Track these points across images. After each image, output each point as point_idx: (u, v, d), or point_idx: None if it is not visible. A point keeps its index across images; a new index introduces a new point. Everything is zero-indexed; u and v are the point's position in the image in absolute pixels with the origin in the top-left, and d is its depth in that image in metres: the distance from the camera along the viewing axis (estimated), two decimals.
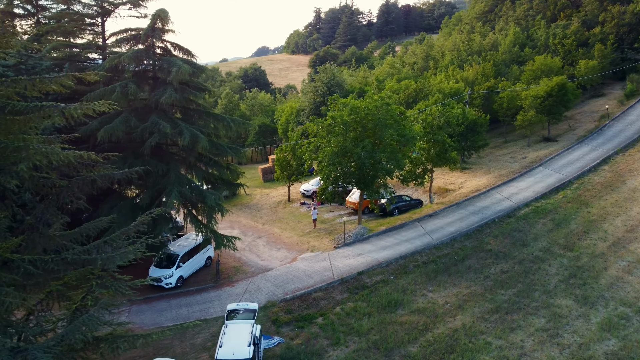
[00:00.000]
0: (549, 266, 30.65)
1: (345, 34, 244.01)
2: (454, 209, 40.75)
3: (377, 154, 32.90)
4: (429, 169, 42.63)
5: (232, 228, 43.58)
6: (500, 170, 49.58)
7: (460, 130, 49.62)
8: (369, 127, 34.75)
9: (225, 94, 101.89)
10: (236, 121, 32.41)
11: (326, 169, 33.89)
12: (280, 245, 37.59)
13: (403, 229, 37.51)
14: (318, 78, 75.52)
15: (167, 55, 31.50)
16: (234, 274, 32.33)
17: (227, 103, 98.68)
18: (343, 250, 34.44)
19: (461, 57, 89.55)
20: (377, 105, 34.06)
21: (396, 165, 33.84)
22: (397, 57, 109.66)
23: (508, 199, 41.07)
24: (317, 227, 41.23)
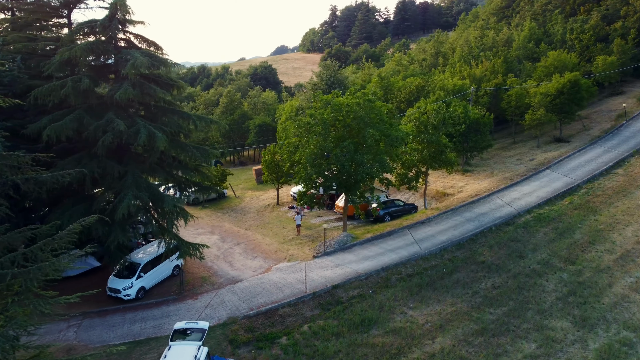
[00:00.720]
0: (546, 281, 27.85)
1: (361, 31, 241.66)
2: (448, 215, 38.05)
3: (358, 156, 30.45)
4: (423, 172, 39.98)
5: (212, 233, 41.59)
6: (505, 173, 46.64)
7: (462, 130, 46.87)
8: (353, 127, 32.31)
9: (227, 92, 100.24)
10: (203, 119, 30.31)
11: (303, 172, 31.55)
12: (257, 253, 35.36)
13: (390, 237, 34.97)
14: (318, 74, 73.19)
15: (131, 48, 29.56)
16: (200, 285, 30.19)
17: (228, 102, 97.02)
18: (322, 260, 32.06)
19: (472, 54, 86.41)
20: (359, 102, 31.58)
21: (380, 168, 31.32)
22: (406, 54, 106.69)
23: (509, 205, 38.22)
24: (302, 234, 38.96)
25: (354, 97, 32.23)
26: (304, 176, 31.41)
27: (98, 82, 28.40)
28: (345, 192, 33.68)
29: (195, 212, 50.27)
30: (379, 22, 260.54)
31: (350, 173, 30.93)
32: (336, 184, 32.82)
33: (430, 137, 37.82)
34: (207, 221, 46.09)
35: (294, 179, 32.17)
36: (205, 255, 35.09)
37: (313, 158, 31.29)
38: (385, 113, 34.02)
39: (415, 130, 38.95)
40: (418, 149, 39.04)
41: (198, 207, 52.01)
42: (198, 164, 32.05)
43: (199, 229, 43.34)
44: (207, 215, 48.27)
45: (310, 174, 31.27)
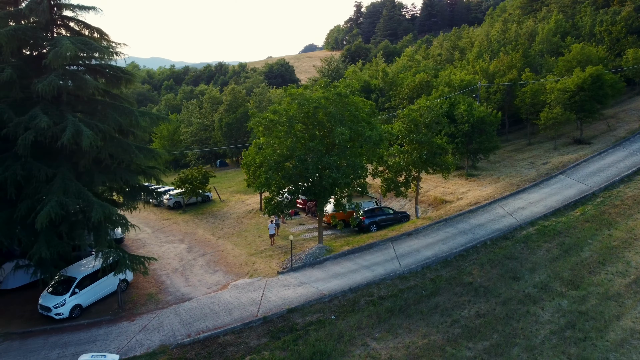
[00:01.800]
0: (541, 310, 23.84)
1: (386, 28, 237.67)
2: (440, 226, 34.20)
3: (326, 159, 26.98)
4: (414, 177, 36.18)
5: (181, 242, 38.71)
6: (513, 178, 42.39)
7: (464, 129, 42.89)
8: (324, 125, 28.85)
9: (230, 90, 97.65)
10: (148, 115, 27.24)
11: (263, 176, 28.23)
12: (220, 266, 32.21)
13: (370, 251, 31.36)
14: (319, 70, 69.84)
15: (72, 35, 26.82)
16: (144, 303, 27.16)
17: (231, 99, 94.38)
18: (286, 278, 28.67)
19: (492, 48, 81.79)
20: (327, 97, 28.12)
21: (352, 173, 27.77)
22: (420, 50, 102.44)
23: (511, 215, 34.13)
24: (276, 244, 35.67)
25: (324, 91, 28.76)
26: (264, 181, 28.08)
27: (28, 73, 25.63)
28: (317, 199, 30.23)
29: (174, 217, 47.85)
30: (405, 19, 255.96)
31: (315, 179, 27.47)
32: (304, 191, 29.42)
33: (421, 137, 34.00)
34: (182, 227, 43.29)
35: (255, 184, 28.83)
36: (164, 268, 32.42)
37: (276, 160, 27.93)
38: (367, 110, 30.40)
39: (404, 130, 35.24)
40: (407, 150, 35.32)
41: (178, 212, 49.30)
42: (151, 167, 29.08)
43: (169, 236, 40.57)
44: (184, 221, 45.47)
45: (272, 179, 27.92)
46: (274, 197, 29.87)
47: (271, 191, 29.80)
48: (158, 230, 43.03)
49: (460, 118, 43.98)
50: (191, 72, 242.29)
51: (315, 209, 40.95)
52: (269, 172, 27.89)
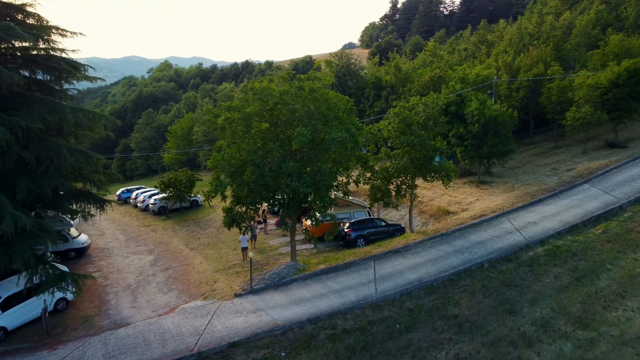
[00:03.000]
0: (537, 355, 19.59)
1: (422, 24, 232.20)
2: (434, 243, 30.09)
3: (285, 165, 23.40)
4: (408, 184, 32.13)
5: (150, 253, 35.86)
6: (529, 187, 37.74)
7: (475, 130, 38.50)
8: (292, 125, 25.28)
9: (242, 87, 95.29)
10: (84, 112, 24.23)
11: (214, 183, 24.82)
12: (178, 284, 29.05)
13: (346, 271, 27.57)
14: (326, 66, 66.20)
15: None
16: (75, 327, 24.16)
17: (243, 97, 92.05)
18: (242, 302, 25.20)
19: (523, 42, 76.37)
20: (287, 91, 24.53)
21: (318, 182, 24.06)
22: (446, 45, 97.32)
23: (519, 231, 29.73)
24: (249, 259, 32.28)
25: (288, 85, 25.17)
26: (213, 188, 24.68)
27: None
28: (284, 210, 26.69)
29: (155, 223, 45.10)
30: (442, 15, 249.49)
31: (270, 187, 23.91)
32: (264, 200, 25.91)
33: (412, 139, 29.95)
34: (158, 236, 40.51)
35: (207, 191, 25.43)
36: (117, 283, 29.55)
37: (231, 165, 24.50)
38: (343, 107, 26.65)
39: (394, 131, 31.27)
40: (398, 154, 31.37)
41: (162, 218, 46.57)
42: (91, 172, 26.13)
43: (140, 246, 37.79)
44: (163, 228, 42.67)
45: (222, 186, 24.53)
46: (233, 207, 26.46)
47: (231, 201, 26.49)
48: (132, 238, 40.32)
49: (471, 117, 39.60)
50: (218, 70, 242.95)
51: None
52: (220, 179, 24.51)
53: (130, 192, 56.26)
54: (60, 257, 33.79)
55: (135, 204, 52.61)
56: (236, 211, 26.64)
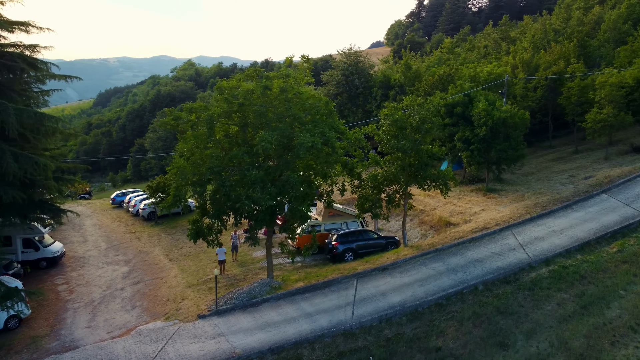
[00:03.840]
0: None
1: (448, 22, 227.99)
2: (427, 259, 27.45)
3: (249, 173, 21.14)
4: (401, 193, 29.52)
5: (126, 263, 34.11)
6: (541, 196, 34.70)
7: (482, 134, 35.68)
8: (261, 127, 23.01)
9: None
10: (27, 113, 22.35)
11: (173, 193, 22.70)
12: (144, 300, 27.10)
13: (325, 291, 25.18)
14: (336, 64, 63.82)
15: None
16: (19, 350, 22.31)
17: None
18: (204, 324, 23.04)
19: (548, 38, 72.66)
20: (252, 90, 22.26)
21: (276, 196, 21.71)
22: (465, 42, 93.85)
23: (523, 248, 26.89)
24: (228, 272, 30.33)
25: (253, 84, 22.89)
26: (171, 200, 22.59)
27: None
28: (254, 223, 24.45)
29: (142, 229, 43.42)
30: (470, 12, 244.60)
31: (230, 198, 21.66)
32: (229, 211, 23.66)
33: (404, 144, 27.34)
34: (141, 244, 38.82)
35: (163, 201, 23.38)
36: (81, 298, 27.87)
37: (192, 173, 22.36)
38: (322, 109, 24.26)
39: (384, 135, 28.75)
40: (388, 160, 28.83)
41: (150, 224, 44.89)
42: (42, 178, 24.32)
43: (119, 255, 36.09)
44: (149, 236, 40.95)
45: (182, 196, 22.42)
46: (199, 219, 24.33)
47: (198, 212, 24.41)
48: (113, 246, 38.66)
49: (477, 119, 36.74)
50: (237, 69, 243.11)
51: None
52: (179, 189, 22.42)
53: (125, 196, 54.85)
54: (30, 267, 32.33)
55: (127, 208, 51.15)
56: (202, 223, 24.49)
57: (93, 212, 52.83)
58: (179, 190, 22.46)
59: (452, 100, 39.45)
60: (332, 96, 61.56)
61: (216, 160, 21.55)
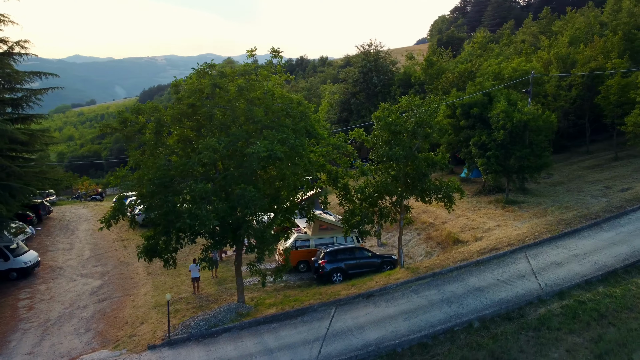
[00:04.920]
0: None
1: (494, 16, 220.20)
2: (420, 285, 24.08)
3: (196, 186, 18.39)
4: (397, 207, 26.19)
5: (102, 276, 32.22)
6: (567, 211, 30.72)
7: (499, 138, 31.99)
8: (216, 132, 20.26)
9: None
10: None
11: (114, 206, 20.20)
12: (101, 323, 24.80)
13: (296, 321, 22.20)
14: (354, 61, 60.62)
15: None
16: None
17: None
18: (151, 357, 20.45)
19: (593, 31, 67.23)
20: (200, 89, 19.47)
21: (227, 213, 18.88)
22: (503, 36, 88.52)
23: (534, 275, 23.21)
24: (201, 292, 27.80)
25: (205, 81, 20.07)
26: (110, 213, 20.12)
27: None
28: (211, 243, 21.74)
29: (132, 237, 41.44)
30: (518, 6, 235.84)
31: (169, 213, 18.96)
32: None
33: (396, 151, 24.01)
34: (125, 253, 36.95)
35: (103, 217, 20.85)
36: (37, 316, 26.08)
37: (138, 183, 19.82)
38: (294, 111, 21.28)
39: (374, 141, 25.53)
40: (378, 170, 25.58)
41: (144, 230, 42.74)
42: None
43: (97, 266, 34.17)
44: (137, 244, 38.68)
45: (122, 210, 19.93)
46: (157, 236, 21.75)
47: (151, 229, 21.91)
48: (96, 255, 36.76)
49: (495, 122, 32.95)
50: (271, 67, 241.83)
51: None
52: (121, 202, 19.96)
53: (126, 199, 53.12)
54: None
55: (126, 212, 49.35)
56: (158, 240, 21.91)
57: (93, 216, 51.40)
58: (121, 203, 19.95)
59: (470, 100, 35.67)
60: (349, 95, 58.31)
61: (159, 170, 18.90)
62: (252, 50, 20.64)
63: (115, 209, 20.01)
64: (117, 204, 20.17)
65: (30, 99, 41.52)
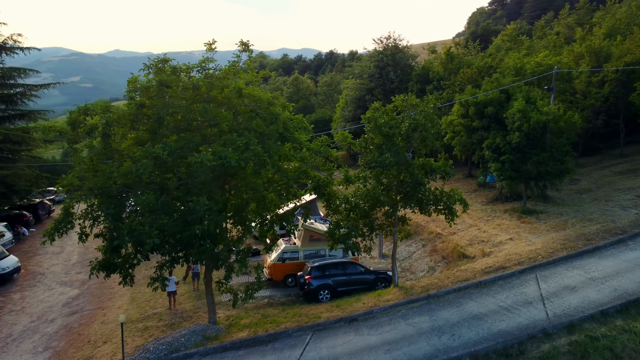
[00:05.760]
0: None
1: (534, 8, 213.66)
2: (411, 310, 21.57)
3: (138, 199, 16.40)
4: (391, 218, 23.68)
5: (82, 284, 30.72)
6: (589, 224, 27.65)
7: (515, 141, 29.13)
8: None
9: (293, 80, 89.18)
10: None
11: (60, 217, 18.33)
12: (61, 341, 23.24)
13: (264, 349, 20.00)
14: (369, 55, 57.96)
15: None
16: None
17: (293, 91, 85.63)
18: None
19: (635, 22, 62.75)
20: (149, 88, 17.40)
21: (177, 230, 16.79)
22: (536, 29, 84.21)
23: (542, 302, 20.44)
24: (177, 307, 25.96)
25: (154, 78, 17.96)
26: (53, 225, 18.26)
27: None
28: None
29: None
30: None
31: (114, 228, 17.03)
32: None
33: (386, 157, 21.49)
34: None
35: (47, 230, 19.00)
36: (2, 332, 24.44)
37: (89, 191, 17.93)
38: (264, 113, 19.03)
39: (362, 145, 23.09)
40: (366, 177, 23.11)
41: None
42: None
43: (81, 273, 32.95)
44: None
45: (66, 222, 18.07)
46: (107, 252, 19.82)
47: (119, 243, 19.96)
48: (83, 260, 35.47)
49: (511, 122, 30.01)
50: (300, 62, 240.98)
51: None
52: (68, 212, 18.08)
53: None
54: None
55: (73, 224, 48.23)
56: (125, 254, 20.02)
57: None
58: (67, 213, 18.11)
59: (484, 98, 32.74)
60: (364, 91, 55.68)
61: (101, 179, 16.93)
62: (212, 42, 18.41)
63: (58, 222, 18.14)
64: (61, 215, 18.31)
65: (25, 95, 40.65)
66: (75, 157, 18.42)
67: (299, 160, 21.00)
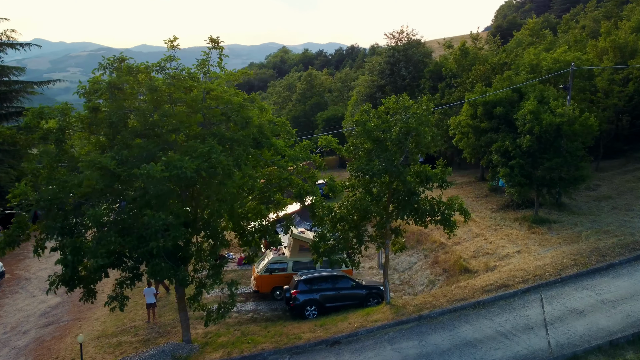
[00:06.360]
0: None
1: (564, 0, 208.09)
2: (399, 332, 19.86)
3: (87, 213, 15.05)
4: (381, 230, 21.97)
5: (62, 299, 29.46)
6: (605, 237, 25.53)
7: (525, 145, 27.12)
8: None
9: (306, 75, 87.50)
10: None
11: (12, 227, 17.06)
12: (29, 356, 22.23)
13: None
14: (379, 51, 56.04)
15: None
16: None
17: (306, 87, 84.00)
18: None
19: None
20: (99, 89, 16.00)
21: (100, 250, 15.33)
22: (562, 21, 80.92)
23: (545, 328, 18.54)
24: (157, 320, 24.71)
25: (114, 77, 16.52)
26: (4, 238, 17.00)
27: None
28: None
29: None
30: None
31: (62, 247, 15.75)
32: None
33: (374, 165, 19.77)
34: None
35: None
36: None
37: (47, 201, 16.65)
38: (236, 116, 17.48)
39: (348, 150, 21.42)
40: (354, 185, 21.43)
41: None
42: None
43: None
44: None
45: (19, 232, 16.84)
46: (105, 264, 18.47)
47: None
48: None
49: (521, 125, 27.95)
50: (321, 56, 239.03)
51: None
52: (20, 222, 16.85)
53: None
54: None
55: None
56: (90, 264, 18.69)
57: None
58: (20, 224, 16.86)
59: (493, 98, 30.70)
60: (375, 88, 53.79)
61: (54, 188, 15.60)
62: (173, 39, 16.93)
63: (8, 235, 16.89)
64: (13, 227, 17.06)
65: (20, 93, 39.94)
66: (27, 163, 17.15)
67: (278, 167, 19.50)
